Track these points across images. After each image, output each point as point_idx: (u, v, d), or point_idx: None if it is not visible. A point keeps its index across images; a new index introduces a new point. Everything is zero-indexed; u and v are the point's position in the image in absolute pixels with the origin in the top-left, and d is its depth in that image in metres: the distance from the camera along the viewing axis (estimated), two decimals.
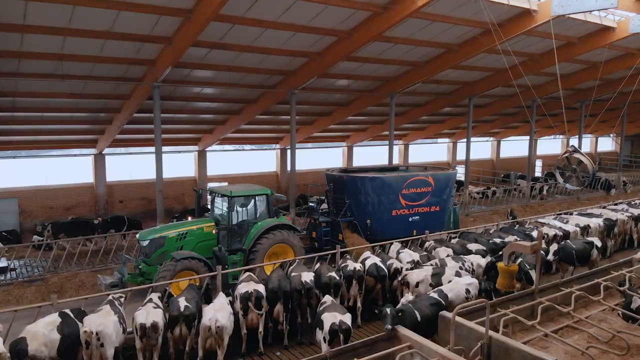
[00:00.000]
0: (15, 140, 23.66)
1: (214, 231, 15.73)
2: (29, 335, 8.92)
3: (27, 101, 19.78)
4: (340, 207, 19.19)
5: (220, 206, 16.67)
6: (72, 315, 9.76)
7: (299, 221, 21.97)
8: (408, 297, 11.51)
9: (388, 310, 9.58)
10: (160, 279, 13.33)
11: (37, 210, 24.54)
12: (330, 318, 9.80)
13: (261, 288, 11.61)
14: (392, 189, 18.95)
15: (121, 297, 11.17)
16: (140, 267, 15.11)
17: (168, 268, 13.68)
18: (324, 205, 20.75)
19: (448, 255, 14.45)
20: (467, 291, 11.76)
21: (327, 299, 11.07)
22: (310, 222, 20.20)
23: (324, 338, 9.66)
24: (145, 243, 15.13)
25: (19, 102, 19.71)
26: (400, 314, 9.65)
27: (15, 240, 20.66)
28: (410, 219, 19.28)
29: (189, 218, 18.52)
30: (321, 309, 10.44)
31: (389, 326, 9.21)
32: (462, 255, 14.19)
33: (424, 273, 12.88)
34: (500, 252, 14.01)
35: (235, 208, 15.97)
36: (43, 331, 9.04)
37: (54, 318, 9.49)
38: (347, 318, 9.92)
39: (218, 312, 10.47)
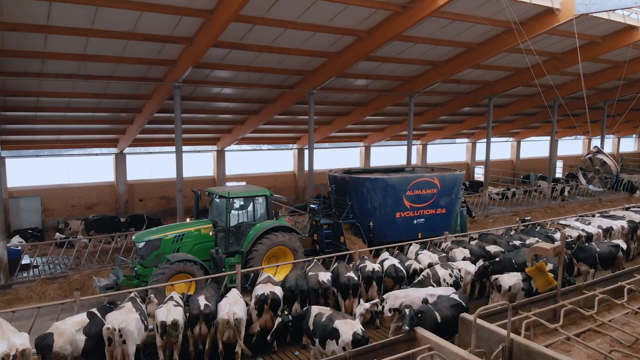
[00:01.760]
0: (38, 139, 24.10)
1: (210, 233, 15.50)
2: (56, 331, 9.05)
3: (50, 101, 20.11)
4: (342, 209, 18.78)
5: (218, 207, 16.30)
6: (99, 314, 9.86)
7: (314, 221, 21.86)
8: (362, 306, 10.90)
9: (407, 311, 9.54)
10: (154, 281, 13.15)
11: (59, 208, 24.95)
12: (348, 327, 9.49)
13: (278, 290, 11.52)
14: (396, 190, 18.44)
15: (152, 294, 11.43)
16: (136, 269, 14.87)
17: (162, 271, 13.44)
18: None
19: (437, 263, 13.82)
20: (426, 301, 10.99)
21: (323, 309, 10.34)
22: (312, 224, 19.79)
23: (344, 348, 9.25)
24: (141, 245, 14.87)
25: (42, 101, 20.06)
26: (419, 315, 9.61)
27: (39, 238, 21.01)
28: (414, 222, 18.77)
29: (188, 219, 18.22)
30: (324, 319, 9.86)
31: (407, 327, 9.15)
32: (450, 262, 13.60)
33: (515, 278, 12.55)
34: (497, 259, 13.72)
35: (232, 209, 15.63)
36: (71, 330, 9.16)
37: (82, 318, 9.61)
38: (360, 325, 9.75)
39: (234, 305, 10.62)
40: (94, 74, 18.18)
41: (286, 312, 10.53)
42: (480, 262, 13.73)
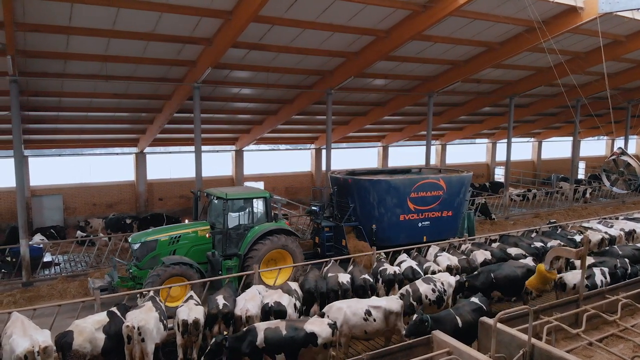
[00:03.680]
0: (60, 139, 24.46)
1: (207, 235, 15.18)
2: (76, 329, 9.15)
3: (72, 101, 20.38)
4: (344, 211, 18.37)
5: (216, 209, 15.85)
6: (119, 313, 9.93)
7: None
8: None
9: (415, 316, 9.68)
10: (149, 284, 12.85)
11: (80, 206, 25.33)
12: (319, 324, 9.48)
13: (285, 300, 11.05)
14: (399, 192, 17.84)
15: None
16: (131, 271, 14.59)
17: (157, 273, 13.16)
18: None
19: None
20: (369, 312, 10.51)
21: (270, 323, 9.66)
22: (314, 226, 19.31)
23: (325, 345, 9.36)
24: (136, 246, 14.60)
25: (64, 101, 20.35)
26: (426, 324, 9.55)
27: (60, 236, 21.31)
28: (419, 225, 18.17)
29: (186, 221, 17.93)
30: (285, 331, 9.32)
31: (404, 331, 9.56)
32: (431, 276, 12.79)
33: (579, 275, 12.46)
34: (476, 272, 13.16)
35: (230, 211, 15.26)
36: (91, 328, 9.26)
37: (102, 317, 9.70)
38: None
39: (249, 302, 10.67)
40: (115, 75, 18.36)
41: (225, 332, 9.61)
42: (458, 277, 12.83)
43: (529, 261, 13.67)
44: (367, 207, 17.98)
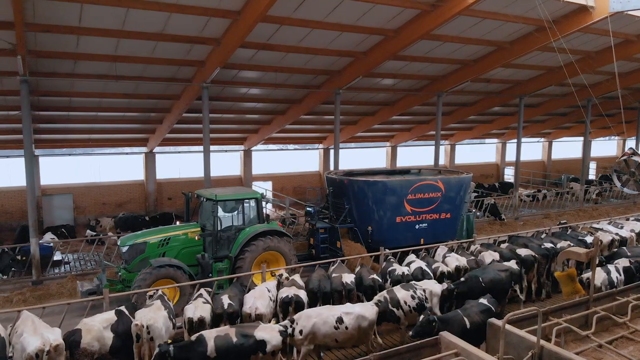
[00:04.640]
0: (70, 138, 24.65)
1: (196, 237, 14.95)
2: (84, 328, 9.20)
3: (82, 101, 20.53)
4: (340, 212, 18.12)
5: (207, 210, 15.61)
6: (127, 312, 9.95)
7: None
8: None
9: (421, 317, 9.62)
10: (136, 287, 12.66)
11: (90, 206, 25.50)
12: (269, 331, 9.20)
13: (302, 294, 11.28)
14: (396, 193, 17.57)
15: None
16: (120, 273, 14.39)
17: (145, 276, 12.97)
18: None
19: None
20: (340, 320, 9.95)
21: (220, 330, 9.18)
22: (309, 228, 19.15)
23: (273, 352, 9.07)
24: (125, 249, 14.34)
25: (75, 101, 20.49)
26: (434, 324, 9.50)
27: (70, 235, 21.45)
28: (417, 227, 17.88)
29: (177, 222, 17.63)
30: (236, 338, 8.88)
31: (411, 332, 9.43)
32: (413, 282, 12.13)
33: (603, 274, 12.45)
34: (463, 278, 12.69)
35: (220, 212, 15.06)
36: (98, 327, 9.29)
37: (110, 316, 9.73)
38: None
39: (258, 300, 10.70)
40: (125, 75, 18.47)
41: (169, 341, 8.96)
42: (444, 285, 12.19)
43: (512, 264, 13.40)
44: (363, 208, 17.74)
